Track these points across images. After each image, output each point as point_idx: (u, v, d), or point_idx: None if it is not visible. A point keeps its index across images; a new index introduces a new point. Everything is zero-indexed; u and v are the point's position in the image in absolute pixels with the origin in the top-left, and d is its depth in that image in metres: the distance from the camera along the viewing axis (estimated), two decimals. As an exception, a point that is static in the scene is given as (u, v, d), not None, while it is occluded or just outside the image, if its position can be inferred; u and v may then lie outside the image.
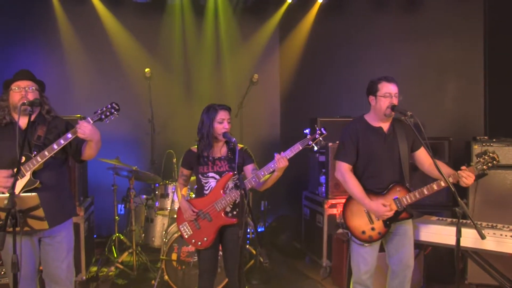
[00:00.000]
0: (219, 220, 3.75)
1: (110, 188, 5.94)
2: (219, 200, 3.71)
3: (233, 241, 3.77)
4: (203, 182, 3.82)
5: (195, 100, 7.27)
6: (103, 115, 3.38)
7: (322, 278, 5.54)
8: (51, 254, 3.47)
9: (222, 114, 3.75)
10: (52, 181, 3.44)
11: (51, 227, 3.32)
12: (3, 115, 3.43)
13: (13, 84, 3.42)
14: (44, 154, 3.32)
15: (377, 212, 3.66)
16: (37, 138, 3.41)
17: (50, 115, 3.55)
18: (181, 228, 3.86)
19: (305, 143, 3.58)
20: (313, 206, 5.98)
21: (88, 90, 7.12)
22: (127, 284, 5.42)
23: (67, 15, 7.05)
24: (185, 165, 3.93)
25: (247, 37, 7.74)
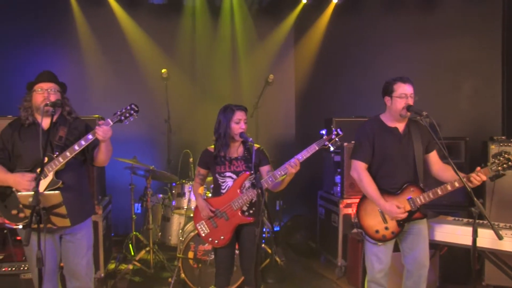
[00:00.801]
0: (236, 219, 3.79)
1: (127, 187, 6.02)
2: (236, 199, 3.76)
3: (250, 240, 3.80)
4: (220, 182, 3.86)
5: (211, 101, 7.33)
6: (122, 117, 3.45)
7: (337, 278, 5.55)
8: (71, 251, 3.56)
9: (239, 115, 3.80)
10: (73, 181, 3.52)
11: (73, 225, 3.40)
12: (26, 116, 3.52)
13: (36, 85, 3.50)
14: (65, 155, 3.40)
15: (391, 213, 3.68)
16: (58, 138, 3.48)
17: (71, 116, 3.63)
18: (198, 226, 3.91)
19: (321, 143, 3.59)
20: (328, 206, 6.00)
21: (105, 91, 7.22)
22: (144, 281, 5.50)
23: (85, 17, 7.15)
24: (202, 164, 3.98)
25: (263, 38, 7.77)
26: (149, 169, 5.66)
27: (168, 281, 5.20)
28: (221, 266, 3.91)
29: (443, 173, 3.80)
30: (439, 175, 3.82)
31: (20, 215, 3.41)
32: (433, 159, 3.88)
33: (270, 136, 7.63)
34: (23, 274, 4.32)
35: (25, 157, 3.47)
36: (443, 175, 3.78)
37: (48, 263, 3.33)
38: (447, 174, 3.75)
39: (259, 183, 3.41)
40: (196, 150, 5.62)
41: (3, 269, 4.31)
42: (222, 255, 3.89)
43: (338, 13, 7.45)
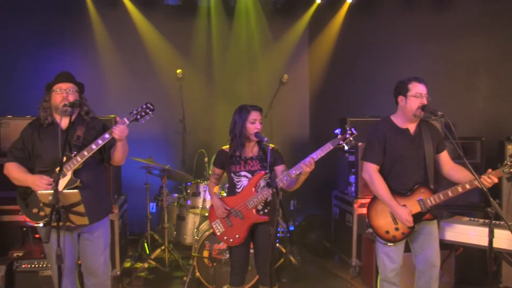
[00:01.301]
0: (251, 218, 3.83)
1: (143, 187, 6.07)
2: (251, 198, 3.79)
3: (264, 239, 3.83)
4: (235, 181, 3.90)
5: (226, 101, 7.37)
6: (138, 115, 3.52)
7: (352, 278, 5.55)
8: (89, 249, 3.63)
9: (254, 115, 3.82)
10: (91, 179, 3.58)
11: (90, 224, 3.46)
12: (45, 116, 3.59)
13: (55, 86, 3.56)
14: (83, 154, 3.46)
15: (401, 217, 3.68)
16: (76, 138, 3.54)
17: (89, 116, 3.70)
18: (213, 225, 3.94)
19: (336, 142, 3.60)
20: (343, 206, 6.00)
21: (121, 91, 7.29)
22: (159, 280, 5.55)
23: (101, 18, 7.24)
24: (217, 164, 4.02)
25: (277, 38, 7.79)
26: (164, 168, 5.71)
27: (183, 280, 5.26)
28: (236, 265, 3.94)
29: (455, 173, 3.79)
30: (450, 175, 3.81)
31: (40, 214, 3.48)
32: (444, 159, 3.87)
33: (285, 136, 7.64)
34: (42, 271, 4.41)
35: (45, 157, 3.54)
36: (455, 175, 3.77)
37: (67, 260, 3.40)
38: (458, 175, 3.74)
39: (274, 183, 3.44)
40: (211, 150, 5.68)
41: (23, 266, 4.40)
42: (237, 254, 3.91)
43: (352, 13, 7.44)
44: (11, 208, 5.18)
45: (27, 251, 4.65)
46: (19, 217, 5.18)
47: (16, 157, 3.61)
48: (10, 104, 6.35)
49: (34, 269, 4.42)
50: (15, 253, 4.60)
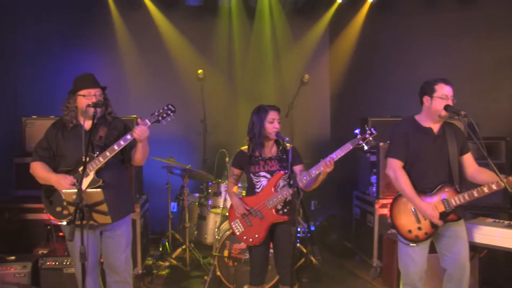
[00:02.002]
0: (270, 218, 3.83)
1: (164, 186, 6.13)
2: (271, 198, 3.80)
3: (284, 238, 3.84)
4: (255, 181, 3.92)
5: (246, 101, 7.38)
6: (160, 117, 3.56)
7: (372, 278, 5.51)
8: (111, 247, 3.68)
9: (273, 114, 3.85)
10: (113, 179, 3.63)
11: (113, 222, 3.50)
12: (70, 119, 3.66)
13: (82, 91, 3.61)
14: (105, 155, 3.52)
15: (425, 212, 3.64)
16: (99, 138, 3.61)
17: (111, 116, 3.76)
18: (233, 225, 3.96)
19: (356, 142, 3.65)
20: (364, 206, 5.96)
21: (142, 91, 7.35)
22: (180, 279, 5.59)
23: (123, 19, 7.32)
24: (236, 165, 4.04)
25: (298, 38, 7.78)
26: (185, 168, 5.75)
27: (204, 279, 5.28)
28: (255, 265, 3.95)
29: (478, 175, 3.73)
30: (474, 177, 3.76)
31: (64, 212, 3.55)
32: (468, 161, 3.81)
33: (305, 136, 7.63)
34: (65, 269, 4.48)
35: (68, 157, 3.61)
36: (478, 177, 3.72)
37: (89, 258, 3.44)
38: (482, 176, 3.69)
39: (295, 182, 3.46)
40: (232, 150, 5.69)
41: (48, 263, 4.48)
42: (256, 253, 3.93)
43: (373, 12, 7.38)
44: (36, 207, 5.29)
45: (51, 248, 4.74)
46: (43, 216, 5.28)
47: (41, 156, 3.67)
48: (35, 105, 6.46)
49: (58, 267, 4.50)
50: (40, 250, 4.70)
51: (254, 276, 3.95)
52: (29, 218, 5.32)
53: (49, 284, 4.45)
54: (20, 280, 4.32)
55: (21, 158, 5.59)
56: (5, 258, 4.46)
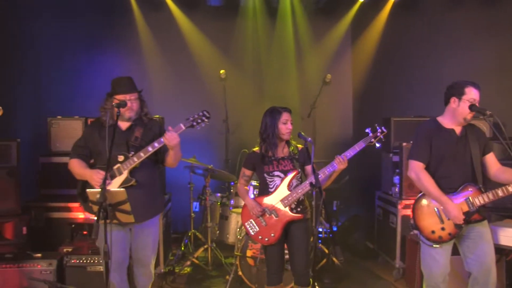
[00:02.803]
0: (286, 216, 3.87)
1: (186, 186, 6.17)
2: (286, 197, 3.85)
3: (299, 236, 3.90)
4: (268, 181, 3.96)
5: (269, 101, 7.34)
6: (194, 122, 3.67)
7: (395, 280, 5.46)
8: (140, 243, 3.83)
9: (286, 115, 3.91)
10: (146, 179, 3.74)
11: (143, 221, 3.69)
12: (107, 120, 3.74)
13: (119, 95, 3.72)
14: (140, 155, 3.63)
15: (450, 213, 3.59)
16: (134, 139, 3.72)
17: (147, 117, 3.87)
18: (247, 225, 3.99)
19: (368, 141, 3.81)
20: (386, 207, 5.91)
21: (165, 92, 7.41)
22: (202, 278, 5.61)
23: (146, 20, 7.40)
24: (248, 166, 4.08)
25: (320, 38, 7.75)
26: (207, 168, 5.78)
27: (225, 279, 5.30)
28: (272, 265, 3.99)
29: (502, 174, 3.67)
30: (498, 177, 3.70)
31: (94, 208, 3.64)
32: (490, 161, 3.76)
33: (327, 136, 7.58)
34: (89, 267, 4.56)
35: (104, 155, 3.69)
36: (502, 177, 3.66)
37: (118, 255, 3.62)
38: (506, 175, 3.63)
39: (318, 182, 3.50)
40: (254, 150, 5.69)
41: (72, 261, 4.56)
42: (272, 252, 3.96)
43: (396, 11, 7.30)
44: (60, 206, 5.40)
45: (75, 247, 4.81)
46: (67, 214, 5.41)
47: (78, 154, 3.83)
48: (59, 105, 6.57)
49: (82, 264, 4.57)
50: (65, 248, 4.77)
51: (271, 275, 4.00)
52: (54, 217, 5.42)
53: (73, 281, 4.52)
54: (46, 277, 4.41)
55: (47, 158, 5.71)
56: (32, 255, 4.56)
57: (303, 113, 7.05)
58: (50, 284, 4.31)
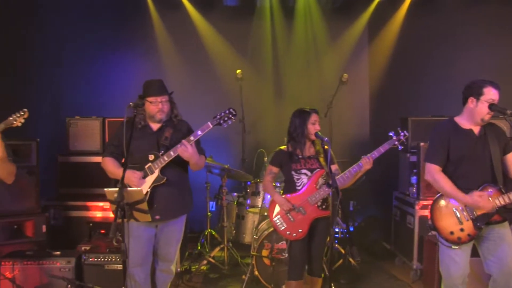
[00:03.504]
0: (313, 213, 4.02)
1: (203, 186, 6.18)
2: (313, 194, 4.00)
3: (322, 232, 4.09)
4: (295, 179, 4.08)
5: (285, 101, 7.39)
6: (221, 120, 3.76)
7: (412, 281, 5.42)
8: (163, 240, 3.97)
9: (314, 116, 4.08)
10: (176, 177, 3.87)
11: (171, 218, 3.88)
12: (139, 120, 3.89)
13: (150, 98, 3.84)
14: (169, 154, 3.74)
15: (474, 203, 3.54)
16: (164, 139, 3.84)
17: (177, 118, 4.00)
18: (276, 220, 4.10)
19: (392, 143, 4.00)
20: (404, 207, 5.87)
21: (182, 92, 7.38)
22: (218, 278, 5.63)
23: (163, 20, 7.43)
24: (276, 163, 4.20)
25: (336, 37, 7.70)
26: (224, 168, 5.79)
27: (241, 278, 5.30)
28: (295, 260, 4.09)
29: None
30: None
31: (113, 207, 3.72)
32: (511, 160, 3.70)
33: (344, 135, 7.54)
34: (107, 265, 4.61)
35: (135, 154, 3.83)
36: None
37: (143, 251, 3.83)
38: None
39: (335, 182, 3.61)
40: (271, 150, 5.70)
41: (90, 259, 4.61)
42: (297, 248, 4.06)
43: (413, 10, 7.22)
44: (79, 204, 5.47)
45: (93, 245, 4.87)
46: (85, 213, 5.49)
47: (111, 152, 3.96)
48: (78, 106, 6.64)
49: (100, 263, 4.62)
50: (83, 246, 4.84)
51: (294, 270, 4.10)
52: (73, 215, 5.50)
53: (91, 279, 4.57)
54: (65, 274, 4.47)
55: (65, 157, 5.79)
56: (52, 253, 4.63)
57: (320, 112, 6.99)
58: (69, 282, 4.36)
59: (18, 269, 4.46)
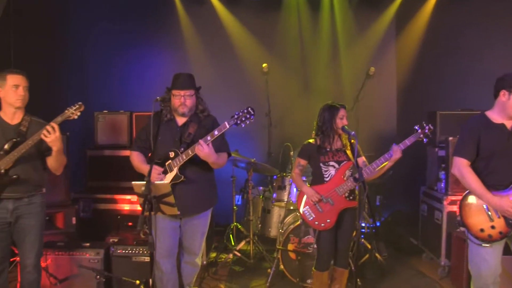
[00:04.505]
0: (341, 204, 4.15)
1: (229, 179, 6.21)
2: (341, 185, 4.13)
3: (348, 223, 4.21)
4: (323, 171, 4.21)
5: (311, 94, 7.36)
6: (239, 120, 3.69)
7: (440, 278, 5.34)
8: (189, 233, 4.01)
9: (342, 111, 4.21)
10: (196, 175, 3.83)
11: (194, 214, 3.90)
12: (165, 113, 3.92)
13: (174, 90, 3.85)
14: (188, 153, 3.72)
15: (501, 207, 3.45)
16: (187, 135, 3.82)
17: (203, 114, 3.97)
18: (305, 211, 4.21)
19: (417, 136, 4.09)
20: (432, 202, 5.78)
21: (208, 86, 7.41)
22: (243, 271, 5.66)
23: (189, 16, 7.50)
24: (304, 156, 4.32)
25: (363, 30, 7.63)
26: (250, 161, 5.80)
27: (267, 272, 5.32)
28: (323, 250, 4.22)
29: None
30: None
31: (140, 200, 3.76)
32: None
33: (371, 129, 7.46)
34: (134, 257, 4.68)
35: (160, 150, 3.84)
36: None
37: (169, 243, 3.87)
38: None
39: (361, 177, 3.70)
40: (297, 143, 5.69)
41: (118, 251, 4.69)
42: (325, 238, 4.19)
43: (442, 1, 7.08)
44: (107, 197, 5.56)
45: (121, 237, 4.94)
46: (114, 206, 5.58)
47: (139, 146, 4.01)
48: (105, 100, 6.74)
49: (128, 254, 4.69)
50: (111, 238, 4.91)
51: (321, 261, 4.24)
52: (101, 208, 5.59)
53: (119, 270, 4.65)
54: (94, 265, 4.56)
55: (93, 151, 5.89)
56: (81, 244, 4.72)
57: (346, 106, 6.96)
58: (98, 272, 4.45)
59: (51, 258, 4.59)
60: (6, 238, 3.73)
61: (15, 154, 3.59)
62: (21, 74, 3.69)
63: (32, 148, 3.63)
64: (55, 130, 3.53)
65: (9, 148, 3.61)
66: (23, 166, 3.68)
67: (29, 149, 3.62)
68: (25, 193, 3.71)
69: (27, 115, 3.80)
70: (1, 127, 3.71)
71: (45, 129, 3.52)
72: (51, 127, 3.52)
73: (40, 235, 3.82)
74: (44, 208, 3.87)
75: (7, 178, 3.62)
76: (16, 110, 3.73)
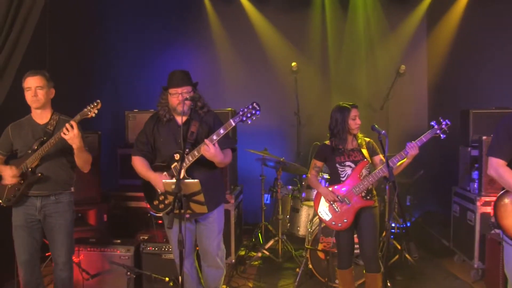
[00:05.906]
0: (358, 203, 4.11)
1: (258, 178, 6.23)
2: (357, 184, 4.10)
3: (368, 221, 4.13)
4: (340, 171, 4.19)
5: (340, 93, 7.30)
6: (244, 117, 3.52)
7: (473, 281, 5.22)
8: (204, 233, 3.89)
9: (354, 112, 4.17)
10: (202, 176, 3.63)
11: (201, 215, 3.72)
12: (164, 114, 3.81)
13: (171, 89, 3.74)
14: (194, 154, 3.62)
15: None
16: (190, 134, 3.67)
17: (203, 110, 3.81)
18: (321, 210, 4.23)
19: (433, 132, 4.01)
20: (464, 203, 5.66)
21: (238, 85, 7.52)
22: (272, 270, 5.66)
23: (218, 15, 7.57)
24: (320, 157, 4.34)
25: (393, 28, 7.54)
26: (279, 160, 5.80)
27: (295, 271, 5.31)
28: (343, 249, 4.24)
29: None
30: None
31: (160, 206, 3.78)
32: None
33: (401, 128, 7.35)
34: (164, 254, 4.73)
35: (163, 151, 3.80)
36: None
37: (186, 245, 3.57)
38: None
39: (392, 176, 3.59)
40: (325, 143, 5.65)
41: (148, 248, 4.75)
42: (344, 238, 4.20)
43: (475, -1, 6.95)
44: (137, 195, 5.63)
45: (151, 235, 5.00)
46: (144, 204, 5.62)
47: (141, 150, 3.86)
48: (136, 99, 6.84)
49: (158, 252, 4.75)
50: (141, 236, 4.98)
51: (342, 259, 4.26)
52: (132, 206, 5.67)
53: (149, 267, 4.71)
54: (125, 262, 4.64)
55: (124, 149, 5.96)
56: (112, 241, 4.81)
57: (376, 105, 6.92)
58: (128, 269, 4.52)
59: (83, 254, 4.69)
60: (35, 234, 3.80)
61: (40, 152, 3.66)
62: (33, 75, 3.71)
63: (56, 146, 3.69)
64: (73, 127, 3.55)
65: (37, 147, 3.70)
66: (49, 164, 3.76)
67: (54, 147, 3.68)
68: (52, 191, 3.78)
69: (56, 114, 3.85)
70: (31, 127, 3.80)
71: (64, 127, 3.56)
72: (69, 125, 3.55)
73: (70, 233, 3.86)
74: (72, 206, 3.91)
75: (33, 176, 3.70)
76: (41, 110, 3.80)
